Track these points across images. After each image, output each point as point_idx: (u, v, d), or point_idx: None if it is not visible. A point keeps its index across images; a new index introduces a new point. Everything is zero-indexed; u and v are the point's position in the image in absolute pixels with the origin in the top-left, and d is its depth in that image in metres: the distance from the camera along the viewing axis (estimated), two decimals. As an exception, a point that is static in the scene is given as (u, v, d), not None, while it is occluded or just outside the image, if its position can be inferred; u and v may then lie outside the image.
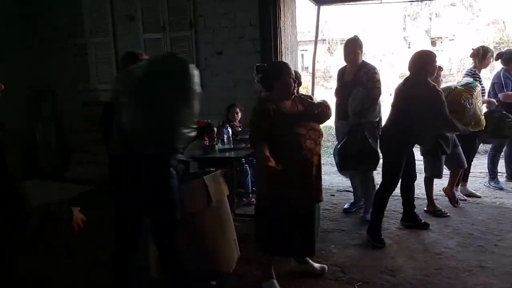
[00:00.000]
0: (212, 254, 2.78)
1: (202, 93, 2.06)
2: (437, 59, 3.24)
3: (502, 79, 4.43)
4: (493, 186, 4.71)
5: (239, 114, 4.51)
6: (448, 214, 3.83)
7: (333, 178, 5.39)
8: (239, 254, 3.06)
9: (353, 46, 3.63)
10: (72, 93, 5.80)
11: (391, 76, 13.38)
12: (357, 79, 3.56)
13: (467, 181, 4.46)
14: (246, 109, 4.49)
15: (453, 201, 4.08)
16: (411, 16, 19.80)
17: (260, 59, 4.62)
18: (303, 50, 20.94)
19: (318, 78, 21.49)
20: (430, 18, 17.91)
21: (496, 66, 5.03)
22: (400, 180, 3.54)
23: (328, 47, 23.50)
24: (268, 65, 2.83)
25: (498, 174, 4.95)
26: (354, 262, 3.04)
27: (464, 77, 4.15)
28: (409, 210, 3.63)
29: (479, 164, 5.67)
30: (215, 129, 3.73)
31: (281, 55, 4.65)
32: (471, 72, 4.15)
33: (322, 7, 5.92)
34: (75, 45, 5.77)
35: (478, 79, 4.03)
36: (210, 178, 2.88)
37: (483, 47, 4.26)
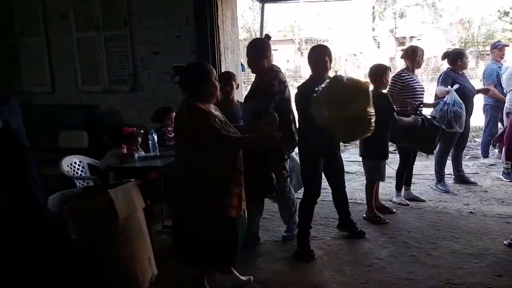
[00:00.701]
0: (116, 277, 2.52)
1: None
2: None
3: (443, 76, 4.40)
4: (440, 189, 4.58)
5: (174, 120, 4.24)
6: (387, 220, 3.67)
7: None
8: (154, 273, 2.80)
9: (253, 50, 3.02)
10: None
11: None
12: (255, 89, 3.04)
13: (410, 185, 4.33)
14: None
15: (388, 209, 3.91)
16: (379, 16, 19.96)
17: (197, 59, 4.38)
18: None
19: (288, 78, 21.41)
20: (394, 18, 18.08)
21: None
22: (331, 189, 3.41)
23: (298, 47, 23.55)
24: (191, 66, 2.58)
25: (447, 176, 4.87)
26: (278, 278, 2.83)
27: (392, 78, 3.95)
28: (344, 217, 3.45)
29: (431, 166, 5.57)
30: (139, 139, 3.46)
31: (220, 55, 4.40)
32: (404, 72, 3.99)
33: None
34: (6, 45, 5.37)
35: (412, 80, 3.89)
36: (118, 191, 2.61)
37: (411, 46, 4.16)
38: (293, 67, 22.30)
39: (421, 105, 3.95)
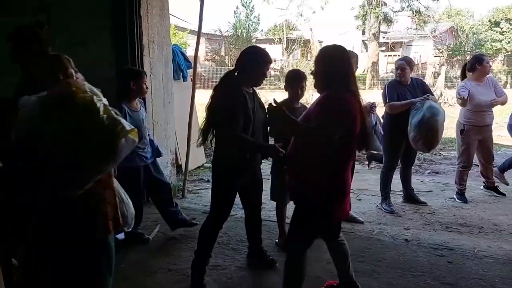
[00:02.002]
0: None
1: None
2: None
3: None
4: (384, 209, 4.14)
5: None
6: None
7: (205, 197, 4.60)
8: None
9: None
10: None
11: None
12: None
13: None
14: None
15: None
16: (361, 19, 19.55)
17: (116, 53, 3.90)
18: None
19: (273, 78, 21.00)
20: (378, 22, 17.67)
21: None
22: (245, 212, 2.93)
23: (286, 46, 23.13)
24: None
25: (398, 193, 4.46)
26: (151, 319, 2.36)
27: None
28: (254, 245, 2.97)
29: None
30: None
31: (142, 50, 3.90)
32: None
33: None
34: None
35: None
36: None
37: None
38: (278, 67, 21.84)
39: None
